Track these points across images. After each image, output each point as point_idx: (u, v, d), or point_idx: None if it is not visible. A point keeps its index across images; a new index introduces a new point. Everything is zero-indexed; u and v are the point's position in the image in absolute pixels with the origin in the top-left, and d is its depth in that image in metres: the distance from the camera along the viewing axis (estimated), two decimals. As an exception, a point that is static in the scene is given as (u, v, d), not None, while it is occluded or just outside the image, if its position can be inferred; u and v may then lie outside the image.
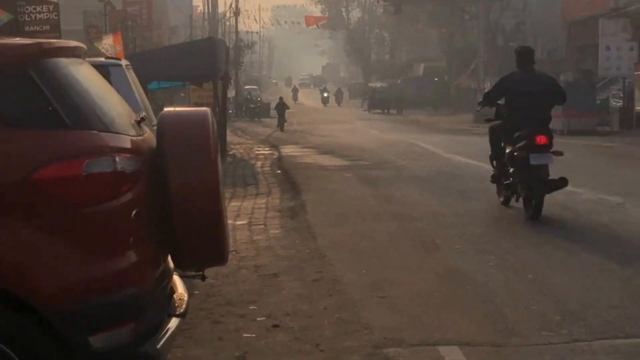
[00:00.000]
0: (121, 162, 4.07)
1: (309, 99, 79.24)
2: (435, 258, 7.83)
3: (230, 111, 53.70)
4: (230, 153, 22.68)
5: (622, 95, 35.46)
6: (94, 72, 4.78)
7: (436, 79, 65.87)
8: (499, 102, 10.59)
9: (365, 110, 59.18)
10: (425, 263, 7.63)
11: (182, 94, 37.29)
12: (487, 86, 48.92)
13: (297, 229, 9.83)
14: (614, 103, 36.08)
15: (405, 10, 59.11)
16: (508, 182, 10.14)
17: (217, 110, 21.17)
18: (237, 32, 60.65)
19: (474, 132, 33.35)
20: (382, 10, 78.81)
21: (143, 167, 4.28)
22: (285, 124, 37.51)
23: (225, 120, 24.00)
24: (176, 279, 4.98)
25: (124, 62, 9.57)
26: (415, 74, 72.94)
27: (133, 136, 4.36)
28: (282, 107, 38.12)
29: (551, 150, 9.59)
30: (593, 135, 30.54)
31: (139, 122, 4.71)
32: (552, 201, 9.98)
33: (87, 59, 4.89)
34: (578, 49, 43.02)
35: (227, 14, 62.32)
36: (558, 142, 10.01)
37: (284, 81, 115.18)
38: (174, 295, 4.81)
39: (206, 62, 20.37)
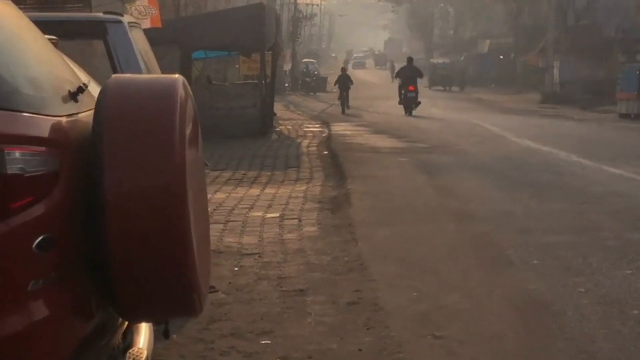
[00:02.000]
0: (17, 159, 2.47)
1: (366, 74, 77.37)
2: (507, 278, 6.10)
3: (286, 85, 52.49)
4: (277, 130, 21.10)
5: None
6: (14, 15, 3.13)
7: (501, 57, 63.53)
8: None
9: (425, 87, 57.01)
10: (495, 285, 5.91)
11: (236, 65, 35.83)
12: (557, 65, 46.77)
13: (336, 226, 8.18)
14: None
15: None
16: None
17: (265, 83, 19.57)
18: (295, 3, 58.90)
19: (542, 113, 31.26)
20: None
21: (64, 167, 2.66)
22: (348, 105, 29.74)
23: (273, 94, 22.40)
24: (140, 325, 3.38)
25: (127, 18, 7.95)
26: (479, 50, 70.63)
27: (51, 116, 2.73)
28: (345, 80, 30.24)
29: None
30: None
31: (74, 95, 3.05)
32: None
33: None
34: (656, 27, 40.26)
35: (287, -16, 60.47)
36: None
37: (346, 54, 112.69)
38: (128, 353, 3.20)
39: (254, 31, 18.80)
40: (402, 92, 28.13)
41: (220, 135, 18.30)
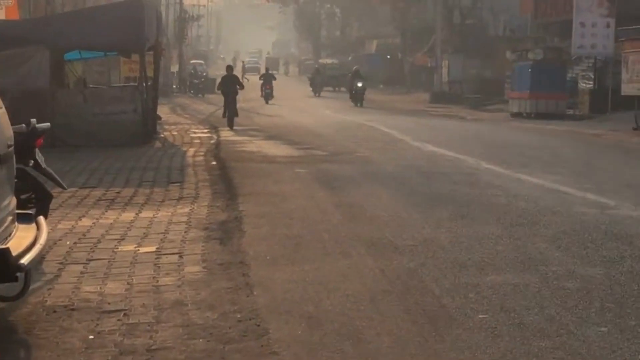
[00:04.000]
0: None
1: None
2: (453, 345, 4.65)
3: (174, 86, 50.31)
4: (161, 136, 19.28)
5: (592, 76, 32.89)
6: None
7: (389, 57, 63.36)
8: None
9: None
10: (439, 358, 4.46)
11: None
12: (445, 64, 46.44)
13: (226, 265, 6.60)
14: (584, 85, 33.48)
15: (359, -17, 56.07)
16: None
17: (147, 85, 17.73)
18: (181, 3, 56.77)
19: (433, 113, 30.50)
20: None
21: None
22: (236, 113, 22.95)
23: (157, 98, 20.53)
24: None
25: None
26: (366, 51, 70.40)
27: None
28: (230, 82, 23.53)
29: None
30: (565, 119, 27.88)
31: None
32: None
33: None
34: (544, 26, 40.30)
35: (170, -18, 58.16)
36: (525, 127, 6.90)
37: (233, 55, 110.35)
38: None
39: (132, 29, 16.98)
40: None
41: (96, 144, 16.42)
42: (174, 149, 16.41)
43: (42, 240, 5.36)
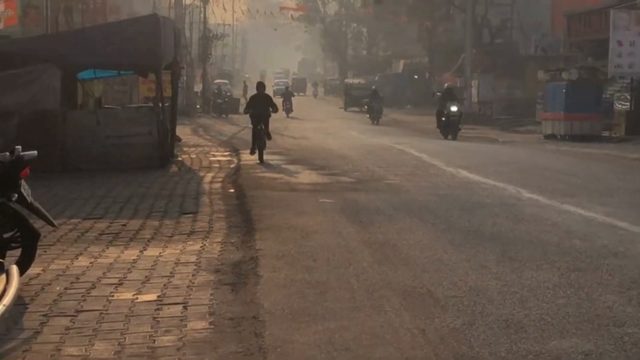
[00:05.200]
0: None
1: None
2: None
3: (198, 106, 49.55)
4: (179, 159, 18.35)
5: (628, 96, 31.62)
6: None
7: (416, 76, 62.44)
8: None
9: (341, 108, 54.95)
10: None
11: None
12: (474, 84, 45.38)
13: (237, 321, 5.58)
14: (619, 105, 32.22)
15: (385, 3, 55.17)
16: None
17: (160, 106, 16.82)
18: (205, 21, 56.16)
19: (463, 135, 29.35)
20: (360, 2, 75.24)
21: None
22: (264, 142, 18.24)
23: (175, 119, 19.65)
24: None
25: None
26: (393, 70, 69.55)
27: None
28: (262, 104, 18.50)
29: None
30: (601, 142, 26.66)
31: None
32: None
33: None
34: (577, 44, 39.11)
35: (196, 0, 57.54)
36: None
37: (260, 76, 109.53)
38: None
39: (148, 47, 16.12)
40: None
41: (109, 168, 15.53)
42: (190, 173, 15.45)
43: (8, 299, 4.39)
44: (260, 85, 18.99)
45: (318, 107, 59.69)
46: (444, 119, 27.24)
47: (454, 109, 26.83)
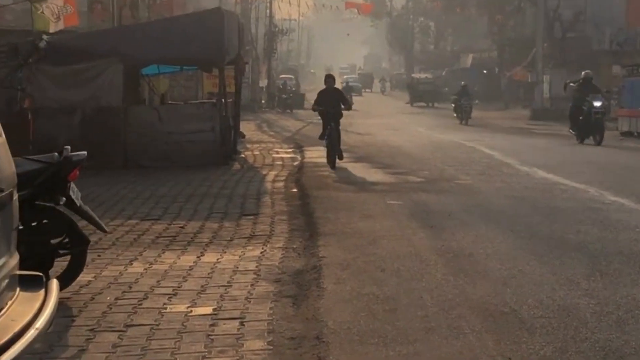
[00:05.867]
0: None
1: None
2: None
3: (262, 101, 49.33)
4: (242, 156, 17.96)
5: None
6: None
7: (485, 71, 61.21)
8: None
9: (407, 104, 54.16)
10: None
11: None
12: (546, 79, 44.11)
13: (298, 341, 5.04)
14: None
15: (454, -4, 54.27)
16: None
17: (223, 102, 16.42)
18: (271, 16, 55.91)
19: (535, 131, 28.38)
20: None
21: None
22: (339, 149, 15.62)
23: (239, 115, 19.26)
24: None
25: None
26: (461, 65, 68.36)
27: None
28: (333, 99, 15.94)
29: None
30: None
31: None
32: None
33: None
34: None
35: (261, -5, 57.29)
36: None
37: (326, 71, 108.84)
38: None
39: (212, 41, 15.71)
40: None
41: (171, 165, 15.20)
42: (252, 171, 15.00)
43: (42, 322, 3.90)
44: (330, 79, 16.26)
45: (383, 102, 59.01)
46: (581, 117, 21.30)
47: (597, 103, 21.00)
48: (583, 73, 22.99)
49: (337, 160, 15.26)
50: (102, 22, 28.14)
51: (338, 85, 21.17)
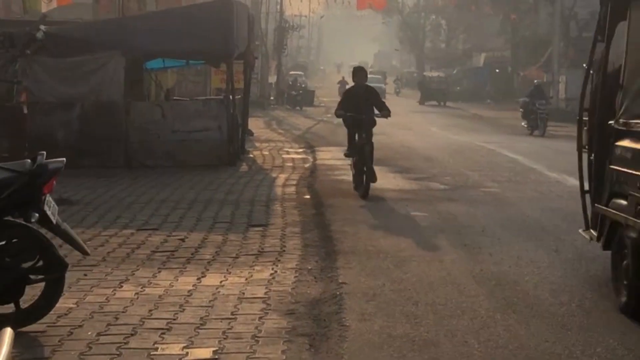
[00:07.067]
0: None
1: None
2: None
3: (272, 98, 48.30)
4: (250, 156, 16.97)
5: None
6: None
7: (497, 70, 60.12)
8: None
9: (417, 102, 53.11)
10: None
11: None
12: (562, 80, 43.01)
13: (317, 403, 4.03)
14: None
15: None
16: None
17: (231, 99, 15.41)
18: (281, 11, 54.94)
19: (554, 133, 27.27)
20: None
21: None
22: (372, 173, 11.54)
23: (247, 113, 18.27)
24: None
25: None
26: (474, 64, 67.28)
27: None
28: (364, 101, 11.68)
29: None
30: None
31: None
32: None
33: None
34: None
35: (271, -9, 56.32)
36: None
37: (337, 68, 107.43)
38: None
39: (220, 34, 14.72)
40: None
41: (175, 165, 14.24)
42: (261, 174, 14.00)
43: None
44: (360, 72, 11.93)
45: (393, 100, 57.90)
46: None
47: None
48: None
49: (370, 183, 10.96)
50: (108, 13, 27.21)
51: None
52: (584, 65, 6.99)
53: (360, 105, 11.40)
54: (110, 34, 14.86)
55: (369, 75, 13.54)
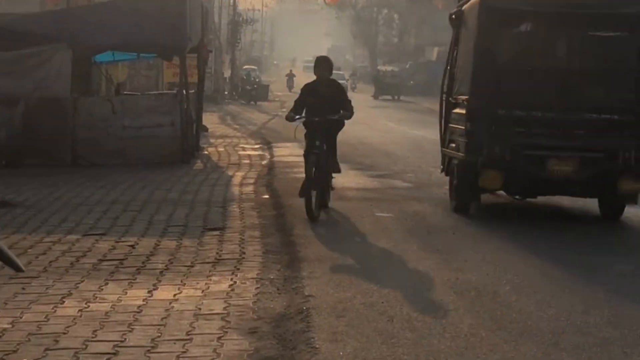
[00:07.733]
0: None
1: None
2: None
3: (226, 93, 47.52)
4: (204, 153, 16.35)
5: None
6: None
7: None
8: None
9: (372, 97, 52.81)
10: None
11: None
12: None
13: None
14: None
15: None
16: None
17: (184, 94, 14.79)
18: (235, 4, 54.22)
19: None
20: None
21: None
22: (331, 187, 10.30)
23: (201, 108, 17.63)
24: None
25: None
26: (426, 58, 67.25)
27: None
28: (326, 100, 9.42)
29: None
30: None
31: None
32: None
33: None
34: None
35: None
36: None
37: (291, 63, 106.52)
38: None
39: (173, 27, 14.15)
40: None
41: (126, 163, 13.59)
42: (217, 172, 13.40)
43: None
44: (324, 63, 9.70)
45: (350, 95, 57.48)
46: None
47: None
48: None
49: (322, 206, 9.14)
50: (56, 6, 26.28)
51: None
52: None
53: (322, 104, 9.23)
54: (57, 25, 14.20)
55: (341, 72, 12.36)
